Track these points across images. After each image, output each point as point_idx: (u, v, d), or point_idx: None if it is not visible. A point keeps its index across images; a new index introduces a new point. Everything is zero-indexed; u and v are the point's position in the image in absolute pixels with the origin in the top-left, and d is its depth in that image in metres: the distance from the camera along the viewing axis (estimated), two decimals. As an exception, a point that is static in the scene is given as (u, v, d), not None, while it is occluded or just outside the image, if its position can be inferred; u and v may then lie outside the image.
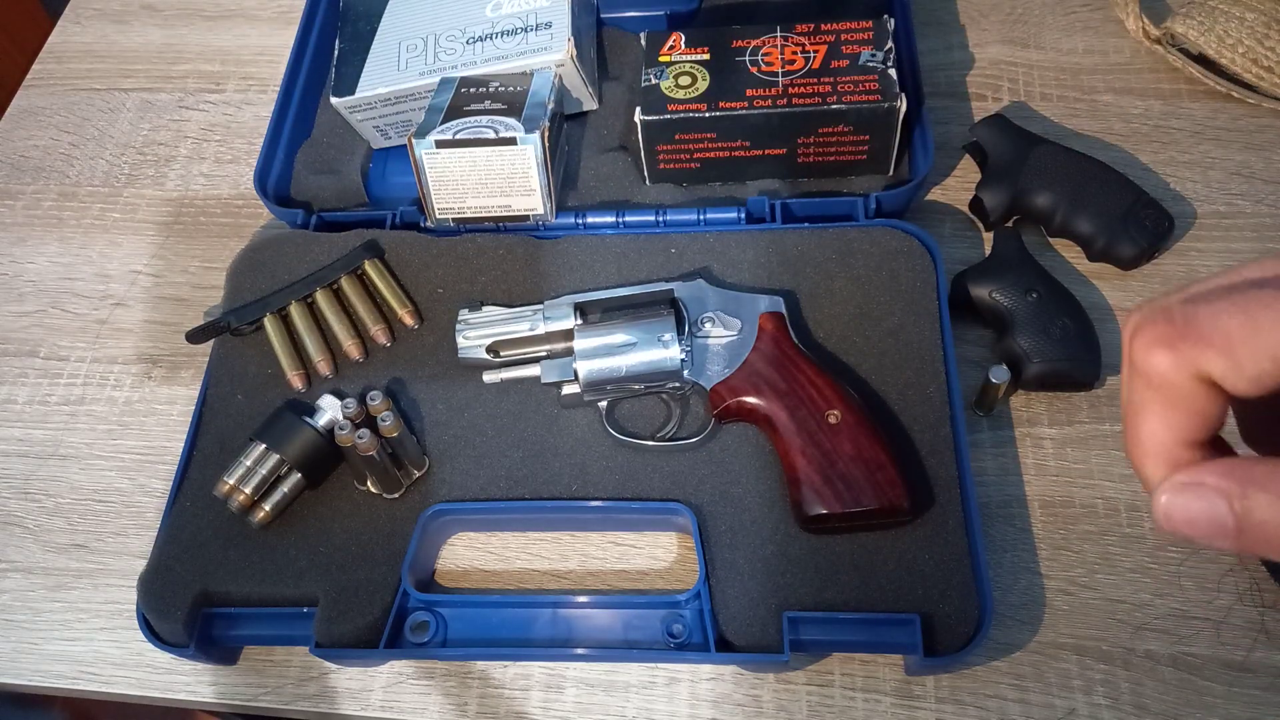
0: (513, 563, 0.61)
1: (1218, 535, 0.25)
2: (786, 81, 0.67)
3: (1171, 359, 0.26)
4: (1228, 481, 0.25)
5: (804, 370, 0.58)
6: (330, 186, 0.73)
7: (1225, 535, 0.25)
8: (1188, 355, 0.26)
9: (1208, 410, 0.27)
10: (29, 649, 0.61)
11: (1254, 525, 0.25)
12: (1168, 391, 0.27)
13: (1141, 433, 0.28)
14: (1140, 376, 0.27)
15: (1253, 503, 0.25)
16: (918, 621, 0.53)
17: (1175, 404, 0.27)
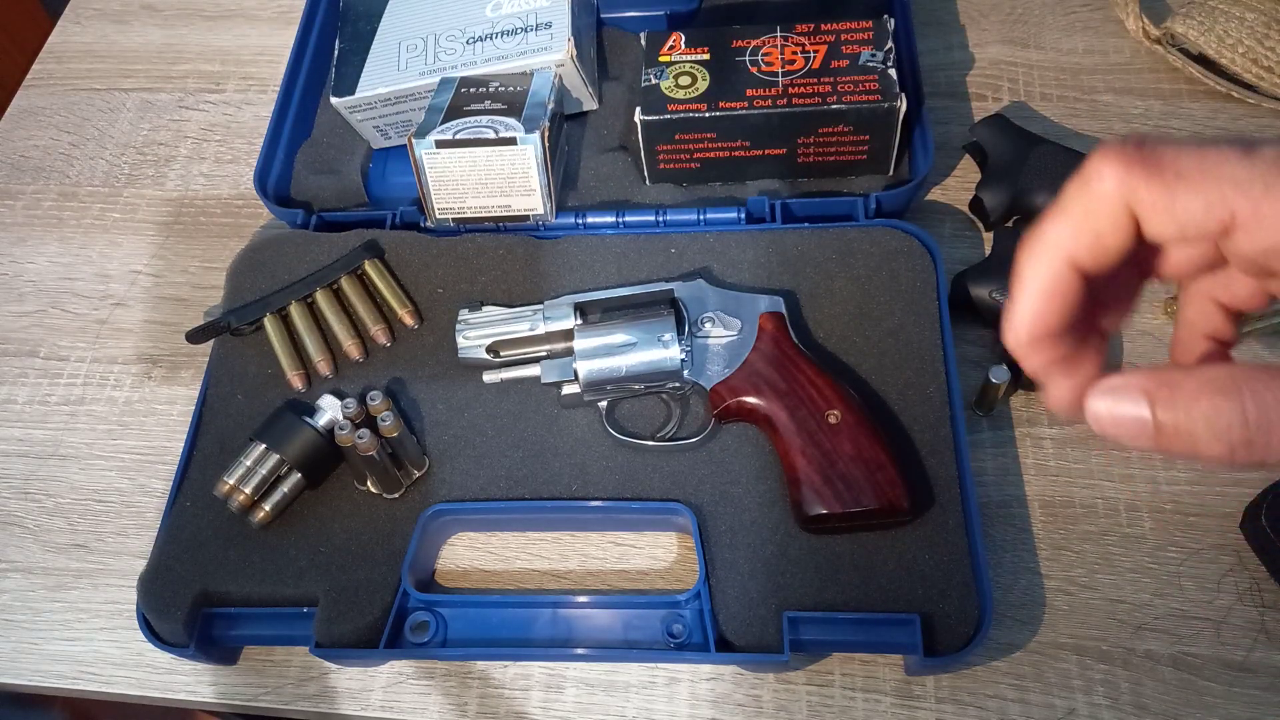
0: (513, 563, 0.61)
1: (1140, 434, 0.28)
2: (786, 81, 0.67)
3: (1117, 178, 0.28)
4: (1151, 384, 0.27)
5: (804, 370, 0.58)
6: (330, 186, 0.73)
7: (1147, 435, 0.28)
8: (1134, 180, 0.28)
9: (1114, 241, 0.29)
10: (29, 649, 0.61)
11: (1168, 424, 0.27)
12: (1093, 205, 0.29)
13: (1047, 230, 0.30)
14: (1081, 183, 0.29)
15: (1169, 403, 0.27)
16: (918, 621, 0.53)
17: (1093, 220, 0.29)
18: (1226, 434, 0.26)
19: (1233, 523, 0.58)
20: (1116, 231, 0.29)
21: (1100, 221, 0.29)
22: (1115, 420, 0.28)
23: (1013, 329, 0.31)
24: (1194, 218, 0.27)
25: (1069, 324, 0.30)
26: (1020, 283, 0.30)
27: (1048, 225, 0.30)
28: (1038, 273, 0.30)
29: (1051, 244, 0.30)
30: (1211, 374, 0.27)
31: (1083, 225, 0.29)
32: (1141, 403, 0.27)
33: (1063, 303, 0.30)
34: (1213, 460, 0.27)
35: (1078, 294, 0.30)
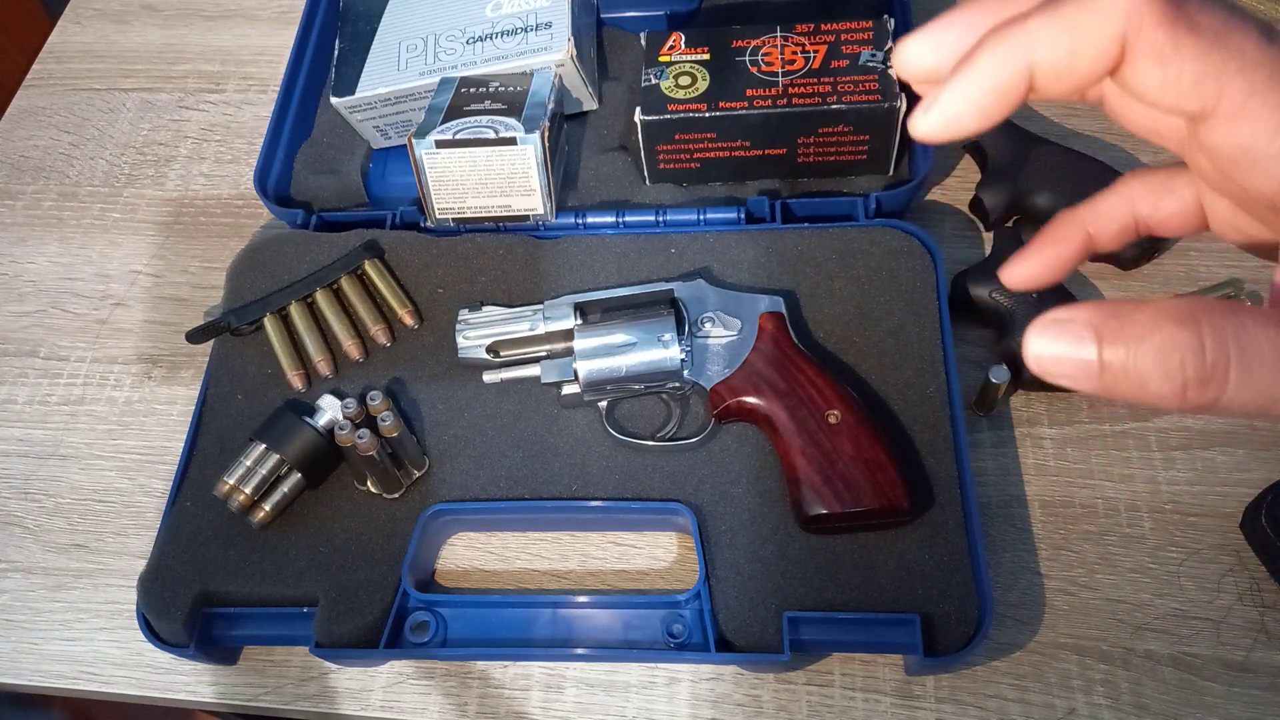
0: (513, 563, 0.61)
1: (1083, 374, 0.25)
2: (786, 81, 0.67)
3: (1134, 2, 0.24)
4: (1095, 316, 0.25)
5: (804, 370, 0.58)
6: (330, 186, 0.73)
7: (1090, 374, 0.25)
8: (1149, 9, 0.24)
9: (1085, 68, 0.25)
10: (29, 649, 0.61)
11: (1113, 360, 0.24)
12: (1095, 19, 0.25)
13: (1032, 22, 0.26)
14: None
15: (1115, 334, 0.24)
16: (918, 621, 0.53)
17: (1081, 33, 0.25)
18: (1180, 370, 0.23)
19: (1233, 523, 0.58)
20: (1096, 59, 0.25)
21: (1087, 39, 0.25)
22: (1056, 359, 0.25)
23: (931, 115, 0.27)
24: (1180, 86, 0.24)
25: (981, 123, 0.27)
26: (973, 66, 0.26)
27: (1036, 19, 0.26)
28: (999, 66, 0.26)
29: (1030, 40, 0.25)
30: (1167, 305, 0.24)
31: (1070, 33, 0.25)
32: (1086, 340, 0.24)
33: (997, 107, 0.26)
34: (1161, 402, 0.24)
35: (1015, 104, 0.26)
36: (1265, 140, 0.24)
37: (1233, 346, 0.23)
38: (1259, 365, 0.23)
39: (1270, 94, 0.24)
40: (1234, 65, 0.24)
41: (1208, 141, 0.25)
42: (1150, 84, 0.25)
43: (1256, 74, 0.24)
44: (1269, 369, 0.23)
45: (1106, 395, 0.25)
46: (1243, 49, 0.24)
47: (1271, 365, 0.23)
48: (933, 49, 0.28)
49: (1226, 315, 0.23)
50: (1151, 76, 0.25)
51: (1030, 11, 0.26)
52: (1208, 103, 0.24)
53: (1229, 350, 0.23)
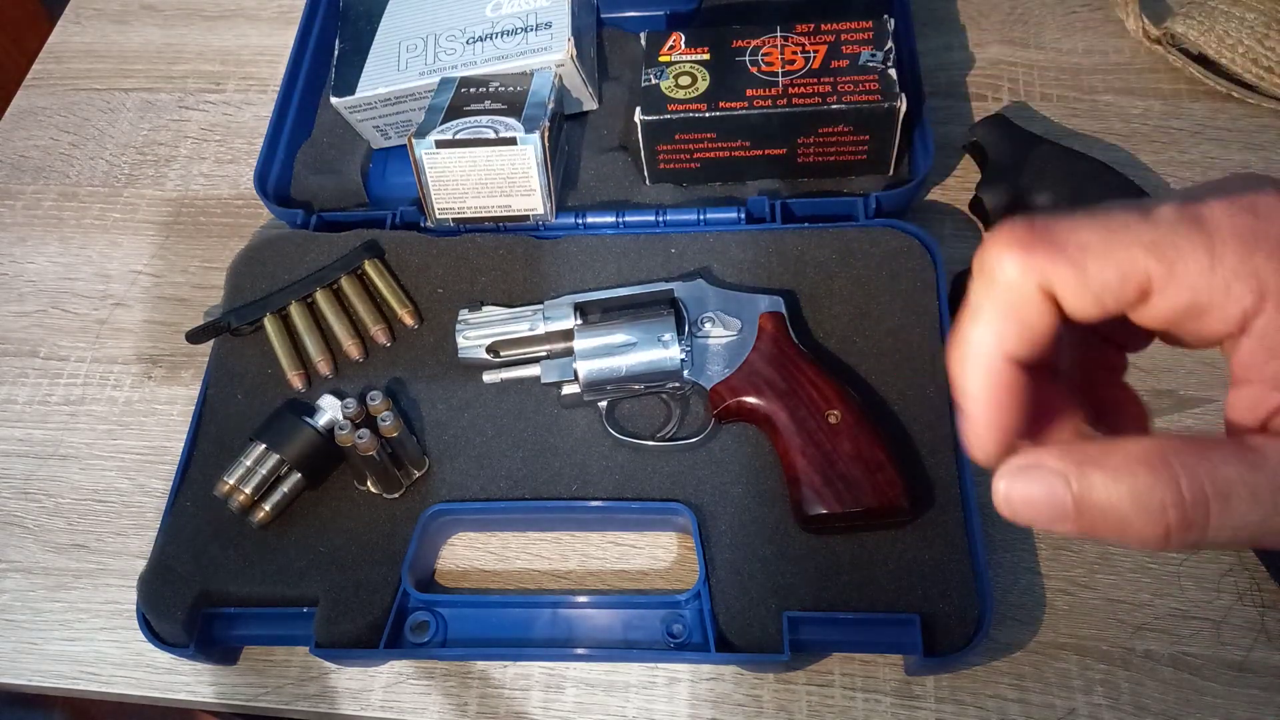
0: (513, 563, 0.61)
1: (1057, 518, 0.25)
2: (786, 81, 0.67)
3: (1020, 264, 0.26)
4: (1064, 462, 0.25)
5: (804, 370, 0.58)
6: (330, 186, 0.73)
7: (1065, 518, 0.25)
8: (1038, 262, 0.26)
9: (1039, 326, 0.27)
10: (29, 649, 0.61)
11: (1091, 505, 0.25)
12: (1008, 297, 0.27)
13: (970, 336, 0.28)
14: (985, 278, 0.27)
15: (1089, 481, 0.25)
16: (918, 621, 0.53)
17: (1011, 312, 0.27)
18: (1163, 515, 0.24)
19: (1233, 523, 0.58)
20: (1041, 316, 0.27)
21: (1019, 311, 0.27)
22: (1028, 503, 0.26)
23: (978, 449, 0.28)
24: (1110, 288, 0.26)
25: (1029, 417, 0.28)
26: (965, 397, 0.28)
27: (968, 331, 0.28)
28: (977, 382, 0.28)
29: (979, 348, 0.28)
30: (1137, 448, 0.25)
31: (1003, 319, 0.27)
32: (1057, 483, 0.25)
33: (1014, 401, 0.28)
34: (1145, 543, 0.25)
35: (1025, 387, 0.28)
36: (1204, 293, 0.26)
37: (1210, 489, 0.24)
38: (1236, 503, 0.24)
39: (1185, 259, 0.25)
40: (1139, 250, 0.26)
41: (1160, 311, 0.27)
42: (1088, 305, 0.26)
43: (1163, 249, 0.25)
44: (1244, 505, 0.24)
45: (1084, 537, 0.26)
46: (1137, 235, 0.26)
47: (1246, 501, 0.24)
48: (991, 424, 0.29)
49: (1197, 456, 0.24)
50: (1086, 300, 0.26)
51: (960, 327, 0.28)
52: (1142, 285, 0.26)
53: (1206, 493, 0.24)
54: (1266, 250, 0.25)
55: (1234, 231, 0.25)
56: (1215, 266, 0.25)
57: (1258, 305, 0.26)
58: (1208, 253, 0.25)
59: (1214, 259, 0.25)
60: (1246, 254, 0.25)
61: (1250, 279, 0.25)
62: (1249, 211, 0.26)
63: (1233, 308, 0.26)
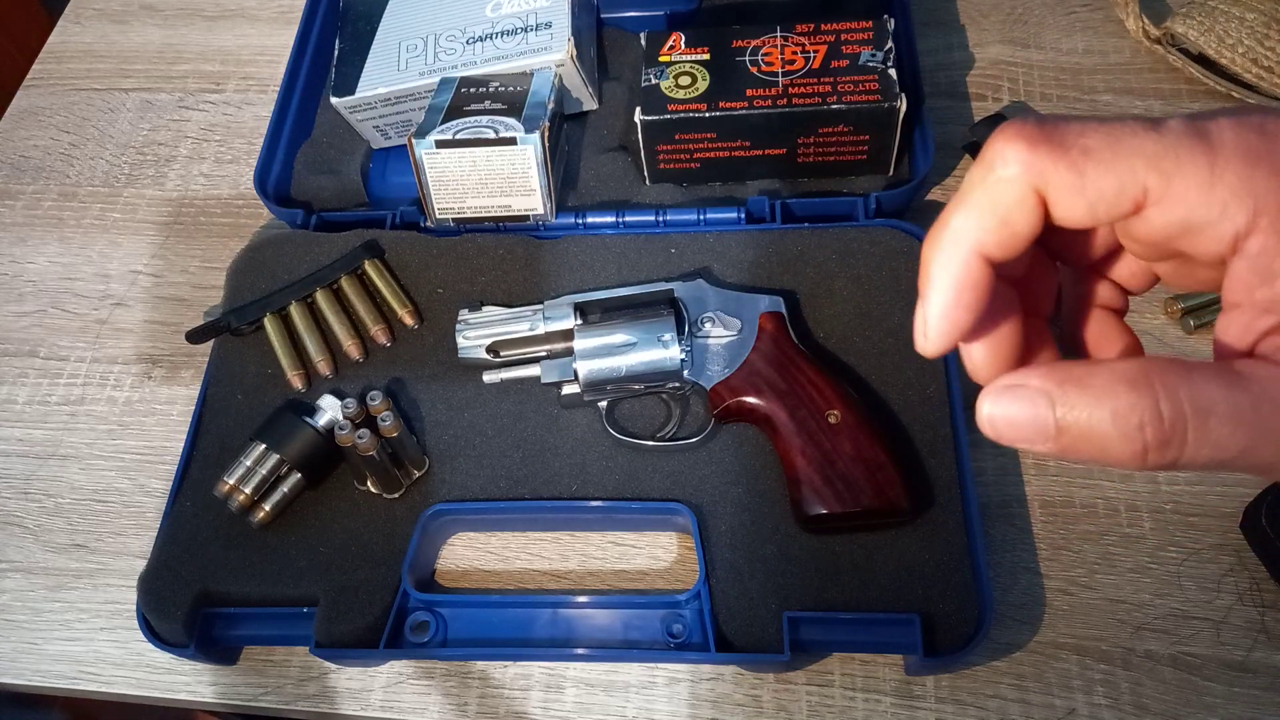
0: (513, 563, 0.61)
1: (1039, 438, 0.25)
2: (786, 81, 0.67)
3: (1022, 161, 0.26)
4: (1047, 381, 0.25)
5: (804, 370, 0.58)
6: (330, 186, 0.73)
7: (1046, 437, 0.25)
8: (1039, 162, 0.26)
9: (1021, 229, 0.27)
10: (29, 649, 0.61)
11: (1071, 424, 0.25)
12: (1000, 192, 0.27)
13: (952, 223, 0.27)
14: (984, 169, 0.27)
15: (1071, 400, 0.25)
16: (918, 621, 0.53)
17: (998, 208, 0.27)
18: (1140, 433, 0.24)
19: (1233, 523, 0.58)
20: (1025, 217, 0.27)
21: (1008, 208, 0.27)
22: (1011, 422, 0.26)
23: (926, 334, 0.28)
24: (1106, 196, 0.26)
25: (984, 321, 0.28)
26: (929, 282, 0.28)
27: (953, 216, 0.28)
28: (948, 270, 0.28)
29: (959, 236, 0.27)
30: (1120, 367, 0.25)
31: (990, 213, 0.27)
32: (1040, 401, 0.25)
33: (976, 299, 0.28)
34: (1123, 463, 0.25)
35: (989, 288, 0.28)
36: (1199, 210, 0.25)
37: (1189, 407, 0.24)
38: (1215, 424, 0.24)
39: (1184, 173, 0.25)
40: (1140, 162, 0.25)
41: (1153, 228, 0.26)
42: (1083, 214, 0.26)
43: (1165, 161, 0.25)
44: (1224, 427, 0.24)
45: (1064, 457, 0.26)
46: (1140, 146, 0.25)
47: (1226, 423, 0.24)
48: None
49: (1179, 376, 0.24)
50: (1079, 207, 0.26)
51: (947, 212, 0.28)
52: (1137, 199, 0.26)
53: (1185, 411, 0.24)
54: (1267, 169, 0.25)
55: (1238, 149, 0.25)
56: (1214, 183, 0.25)
57: (1251, 225, 0.25)
58: (1209, 169, 0.25)
59: (1214, 176, 0.25)
60: (1247, 172, 0.25)
61: (1247, 197, 0.25)
62: (1256, 131, 0.25)
63: (1226, 226, 0.25)
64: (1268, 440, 0.24)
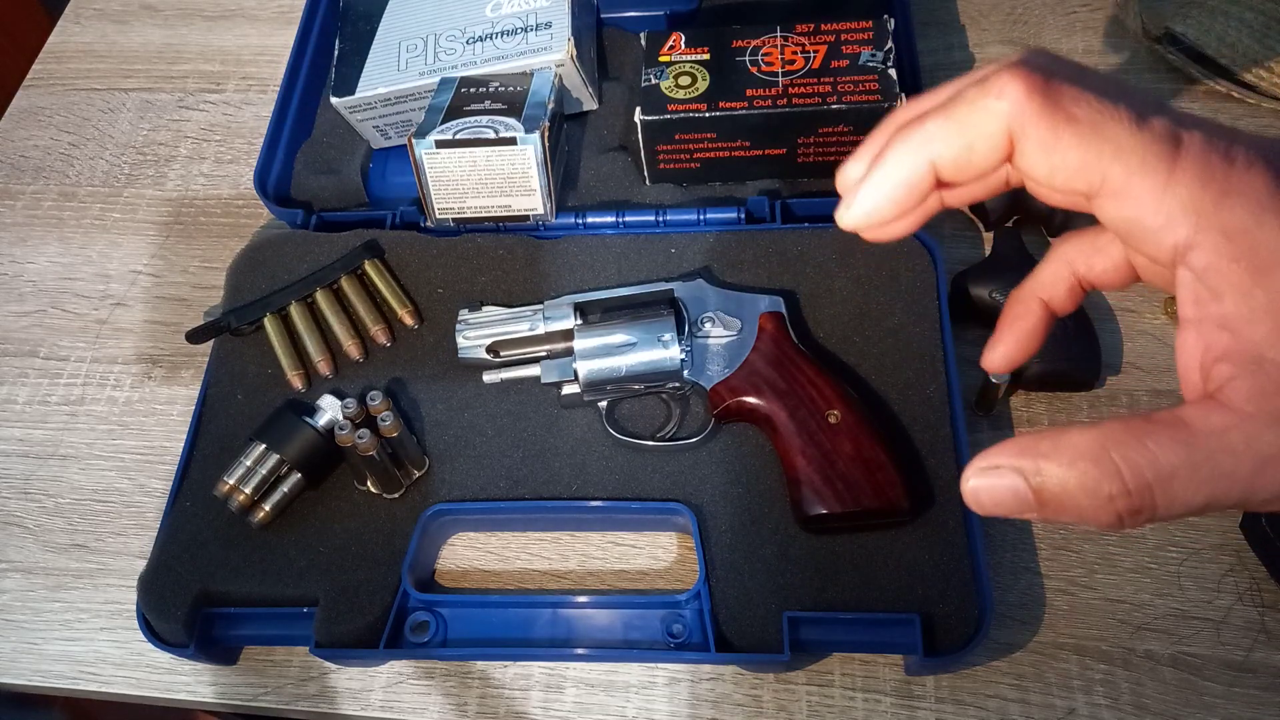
0: (513, 563, 0.61)
1: (1024, 509, 0.27)
2: (786, 81, 0.67)
3: (1015, 101, 0.27)
4: (1020, 460, 0.27)
5: (804, 370, 0.58)
6: (330, 186, 0.73)
7: (1029, 508, 0.27)
8: (1030, 109, 0.27)
9: (979, 161, 0.28)
10: (29, 649, 0.61)
11: (1049, 496, 0.26)
12: (981, 118, 0.27)
13: (929, 122, 0.29)
14: (980, 89, 0.28)
15: (1044, 475, 0.26)
16: (918, 621, 0.53)
17: (972, 131, 0.28)
18: (1111, 504, 0.26)
19: (1233, 523, 0.58)
20: (988, 152, 0.28)
21: (979, 136, 0.28)
22: (995, 500, 0.27)
23: (849, 206, 0.30)
24: (1067, 167, 0.27)
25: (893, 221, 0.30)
26: (880, 166, 0.29)
27: (931, 120, 0.29)
28: (901, 165, 0.29)
29: (927, 139, 0.29)
30: (1080, 441, 0.26)
31: (962, 133, 0.28)
32: (1016, 478, 0.27)
33: (907, 201, 0.30)
34: (1104, 529, 0.26)
35: (923, 197, 0.30)
36: (1148, 215, 0.26)
37: (1150, 476, 0.25)
38: (1178, 487, 0.25)
39: (1145, 175, 0.26)
40: (1110, 151, 0.26)
41: (1101, 216, 0.27)
42: (1040, 172, 0.27)
43: (1131, 158, 0.26)
44: (1187, 489, 0.25)
45: (1053, 521, 0.27)
46: (1117, 136, 0.26)
47: (1188, 485, 0.25)
48: (865, 166, 0.31)
49: (1136, 445, 0.25)
50: (1040, 165, 0.27)
51: (929, 113, 0.29)
52: (1093, 185, 0.27)
53: (1148, 480, 0.25)
54: (1216, 192, 0.25)
55: (1197, 165, 0.26)
56: (1166, 193, 0.26)
57: (1191, 241, 0.26)
58: (1166, 177, 0.26)
59: (1168, 185, 0.26)
60: (1198, 190, 0.25)
61: (1192, 214, 0.26)
62: (1221, 153, 0.26)
63: (1167, 236, 0.26)
64: (1230, 488, 0.25)
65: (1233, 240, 0.25)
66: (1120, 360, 0.64)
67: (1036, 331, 0.35)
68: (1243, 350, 0.26)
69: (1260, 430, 0.25)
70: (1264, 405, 0.25)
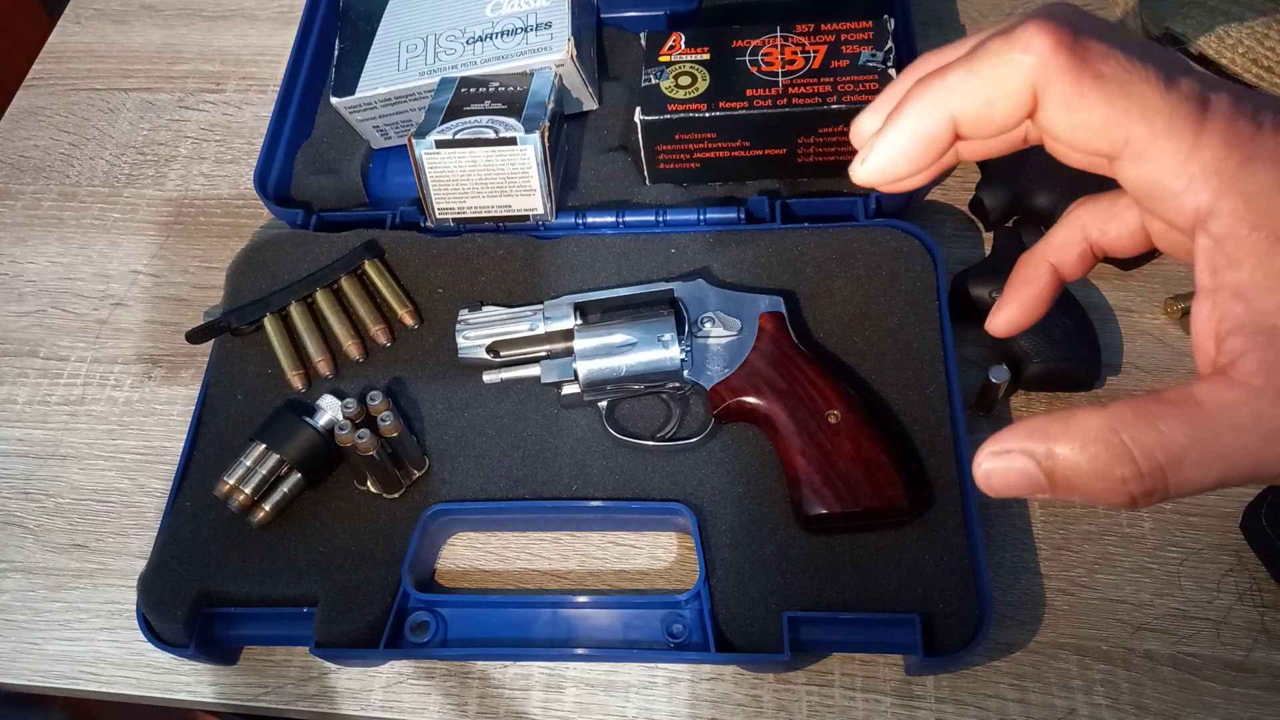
0: (513, 563, 0.61)
1: (1036, 489, 0.27)
2: (786, 81, 0.67)
3: (1041, 56, 0.26)
4: (1030, 443, 0.27)
5: (804, 370, 0.58)
6: (330, 186, 0.73)
7: (1041, 488, 0.27)
8: (1053, 65, 0.26)
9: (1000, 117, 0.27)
10: (29, 649, 0.61)
11: (1060, 478, 0.26)
12: (1005, 72, 0.27)
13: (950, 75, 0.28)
14: (1005, 44, 0.27)
15: (1055, 458, 0.26)
16: (918, 621, 0.53)
17: (995, 85, 0.27)
18: (1124, 486, 0.25)
19: (1233, 523, 0.58)
20: (1011, 108, 0.27)
21: (1001, 91, 0.27)
22: (1007, 483, 0.27)
23: (864, 160, 0.29)
24: (1090, 125, 0.26)
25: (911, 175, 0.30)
26: (899, 118, 0.29)
27: (954, 72, 0.28)
28: (919, 118, 0.28)
29: (949, 92, 0.28)
30: (1090, 424, 0.26)
31: (985, 87, 0.27)
32: (1028, 461, 0.27)
33: (924, 156, 0.29)
34: (1117, 509, 0.26)
35: (940, 152, 0.29)
36: (1170, 178, 0.26)
37: (1162, 457, 0.25)
38: (1189, 468, 0.25)
39: (1170, 137, 0.25)
40: (1136, 111, 0.25)
41: (1122, 178, 0.27)
42: (1062, 130, 0.27)
43: (1157, 119, 0.25)
44: (1198, 468, 0.25)
45: (1056, 497, 0.27)
46: (1144, 96, 0.25)
47: (1199, 465, 0.25)
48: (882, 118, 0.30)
49: (1147, 427, 0.25)
50: (1062, 123, 0.27)
51: (950, 65, 0.28)
52: (1116, 145, 0.26)
53: (1160, 462, 0.25)
54: (1241, 157, 0.25)
55: (1224, 129, 0.25)
56: (1190, 157, 0.25)
57: (1212, 206, 0.25)
58: (1192, 140, 0.25)
59: (1193, 149, 0.25)
60: (1223, 154, 0.25)
61: (1214, 178, 0.25)
62: (1249, 117, 0.25)
63: (1188, 201, 0.26)
64: (1240, 464, 0.25)
65: (1254, 206, 0.25)
66: (1120, 360, 0.64)
67: (1043, 297, 0.34)
68: (1256, 321, 0.25)
69: (1269, 405, 0.25)
70: (1273, 379, 0.25)
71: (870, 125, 0.31)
